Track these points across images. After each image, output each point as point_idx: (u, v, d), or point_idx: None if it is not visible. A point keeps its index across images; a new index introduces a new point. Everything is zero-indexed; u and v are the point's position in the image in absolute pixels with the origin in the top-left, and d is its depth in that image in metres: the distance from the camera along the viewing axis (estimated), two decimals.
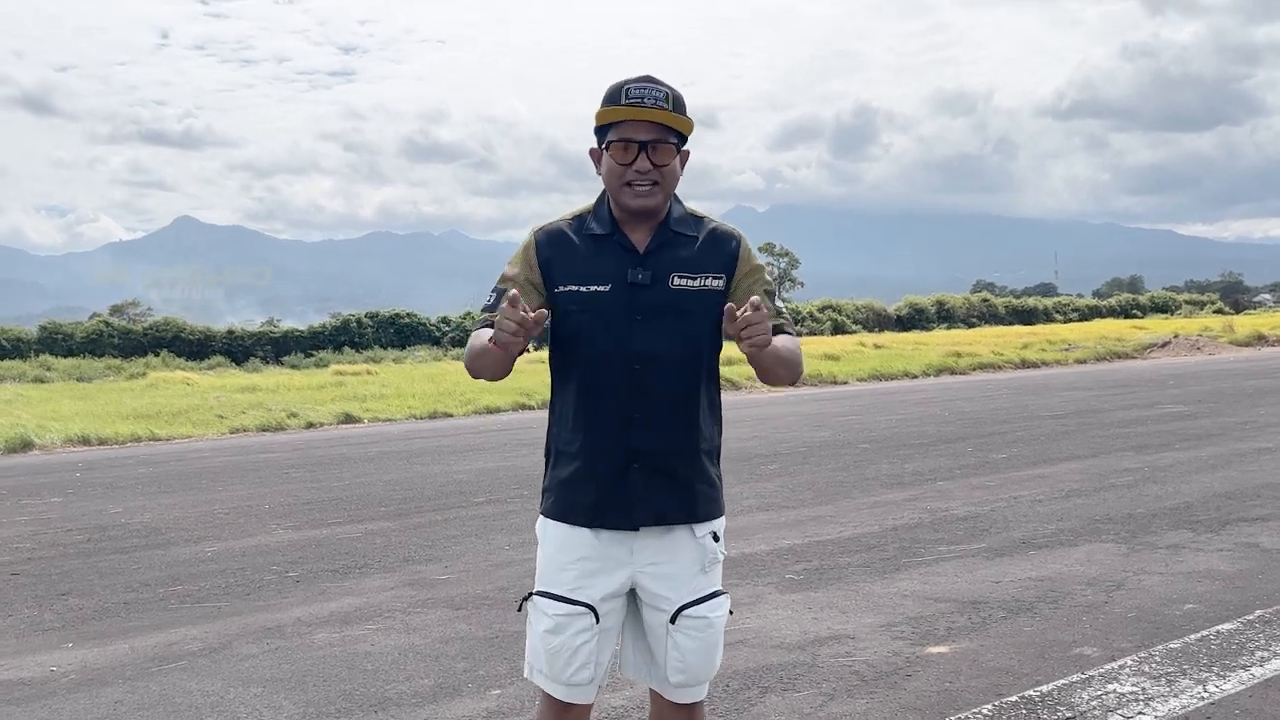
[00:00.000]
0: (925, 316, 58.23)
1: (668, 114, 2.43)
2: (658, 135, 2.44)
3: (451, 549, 6.97)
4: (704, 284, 2.51)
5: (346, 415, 18.46)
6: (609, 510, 2.49)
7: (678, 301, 2.49)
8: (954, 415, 14.98)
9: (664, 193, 2.49)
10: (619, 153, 2.45)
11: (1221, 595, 5.17)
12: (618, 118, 2.44)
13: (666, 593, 2.51)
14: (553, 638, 2.49)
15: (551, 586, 2.52)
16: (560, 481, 2.56)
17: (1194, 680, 4.01)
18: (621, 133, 2.44)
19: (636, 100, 2.42)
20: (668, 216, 2.54)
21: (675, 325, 2.49)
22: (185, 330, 41.82)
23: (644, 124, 2.43)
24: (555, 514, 2.56)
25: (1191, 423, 12.62)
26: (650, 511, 2.49)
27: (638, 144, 2.43)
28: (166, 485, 10.62)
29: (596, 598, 2.50)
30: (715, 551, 2.57)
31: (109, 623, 5.49)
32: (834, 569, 6.01)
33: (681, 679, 2.54)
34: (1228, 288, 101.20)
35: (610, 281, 2.48)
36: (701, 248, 2.54)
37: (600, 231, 2.52)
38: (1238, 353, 31.64)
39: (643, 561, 2.52)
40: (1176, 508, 7.39)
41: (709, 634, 2.53)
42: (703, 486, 2.55)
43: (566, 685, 2.51)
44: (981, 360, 28.23)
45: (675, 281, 2.49)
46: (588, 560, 2.51)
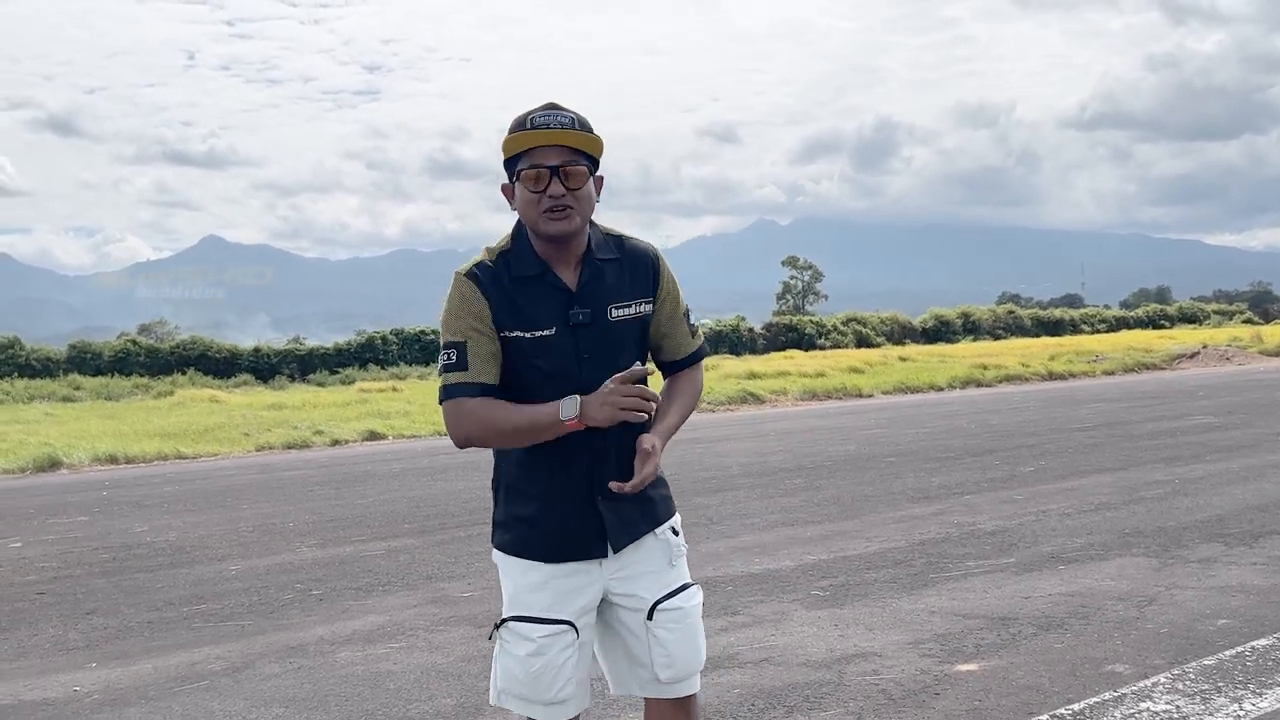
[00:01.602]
0: (951, 329, 57.95)
1: (575, 134, 2.43)
2: (568, 159, 2.43)
3: (474, 566, 6.94)
4: (637, 310, 2.57)
5: (371, 432, 18.49)
6: (579, 542, 2.53)
7: (618, 333, 2.54)
8: (981, 428, 14.86)
9: (580, 216, 2.47)
10: (531, 180, 2.44)
11: (1256, 610, 5.08)
12: (526, 145, 2.44)
13: (639, 591, 2.56)
14: (536, 660, 2.49)
15: (528, 610, 2.52)
16: (518, 518, 2.56)
17: (1229, 698, 3.93)
18: (531, 159, 2.43)
19: (543, 125, 2.42)
20: (590, 246, 2.54)
21: (619, 356, 2.54)
22: (212, 348, 42.08)
23: (553, 149, 2.43)
24: (515, 550, 2.57)
25: (1222, 434, 12.47)
26: (622, 534, 2.54)
27: (549, 169, 2.42)
28: (192, 503, 10.66)
29: (574, 612, 2.52)
30: (678, 545, 2.63)
31: (133, 642, 5.49)
32: (860, 585, 5.94)
33: (670, 674, 2.56)
34: (1257, 297, 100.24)
35: (554, 325, 2.49)
36: (627, 273, 2.56)
37: (529, 273, 2.50)
38: (1268, 363, 31.30)
39: (611, 571, 2.56)
40: (1208, 520, 7.28)
41: (687, 624, 2.57)
42: (657, 491, 2.62)
43: (548, 705, 2.52)
44: (1008, 372, 28.03)
45: (613, 314, 2.53)
46: (560, 579, 2.53)
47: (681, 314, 2.65)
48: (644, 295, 2.58)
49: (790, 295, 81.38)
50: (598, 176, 2.53)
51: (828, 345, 49.63)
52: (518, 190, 2.48)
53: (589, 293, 2.51)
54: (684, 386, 2.69)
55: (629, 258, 2.58)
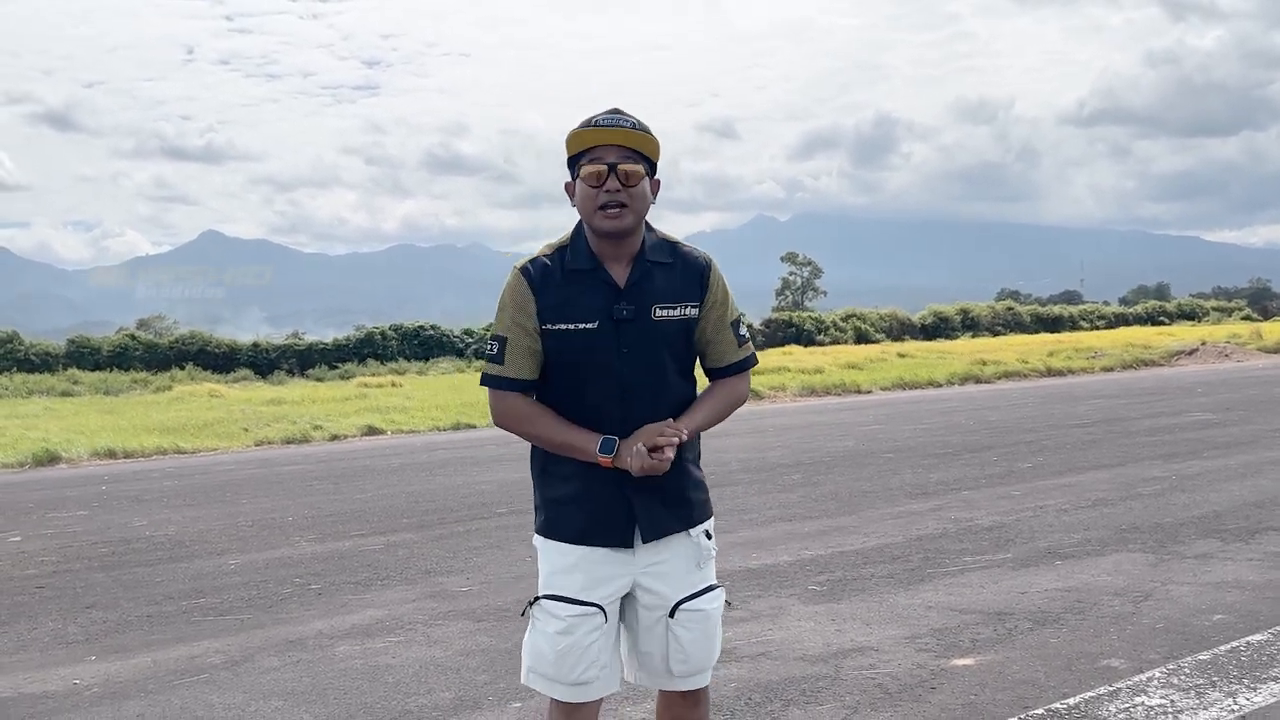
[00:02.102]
0: (950, 325, 57.95)
1: (634, 134, 2.56)
2: (625, 157, 2.56)
3: (473, 561, 6.96)
4: (682, 313, 2.66)
5: (370, 427, 18.51)
6: (607, 529, 2.63)
7: (660, 332, 2.63)
8: (979, 424, 14.88)
9: (634, 214, 2.58)
10: (590, 176, 2.56)
11: (1251, 605, 5.10)
12: (588, 143, 2.57)
13: (664, 589, 2.66)
14: (564, 638, 2.59)
15: (561, 590, 2.62)
16: (553, 500, 2.68)
17: (1224, 692, 3.95)
18: (592, 158, 2.56)
19: (605, 125, 2.57)
20: (643, 247, 2.65)
21: (659, 354, 2.63)
22: (211, 343, 42.07)
23: (612, 148, 2.56)
24: (550, 533, 2.68)
25: (1220, 431, 12.49)
26: (651, 528, 2.63)
27: (607, 165, 2.54)
28: (191, 498, 10.67)
29: (603, 597, 2.62)
30: (709, 549, 2.73)
31: (132, 635, 5.51)
32: (857, 580, 5.96)
33: (684, 669, 2.67)
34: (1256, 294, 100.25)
35: (597, 318, 2.60)
36: (677, 276, 2.66)
37: (581, 267, 2.62)
38: (1267, 360, 31.32)
39: (643, 563, 2.65)
40: (1205, 517, 7.30)
41: (706, 625, 2.68)
42: (694, 494, 2.71)
43: (571, 685, 2.61)
44: (1007, 368, 28.04)
45: (657, 313, 2.63)
46: (594, 564, 2.63)
47: (729, 323, 2.73)
48: (690, 300, 2.66)
49: (789, 291, 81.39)
50: (655, 180, 2.65)
51: (826, 341, 49.65)
52: (578, 187, 2.60)
53: (635, 290, 2.61)
54: (720, 391, 2.76)
55: (681, 263, 2.68)
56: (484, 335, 46.31)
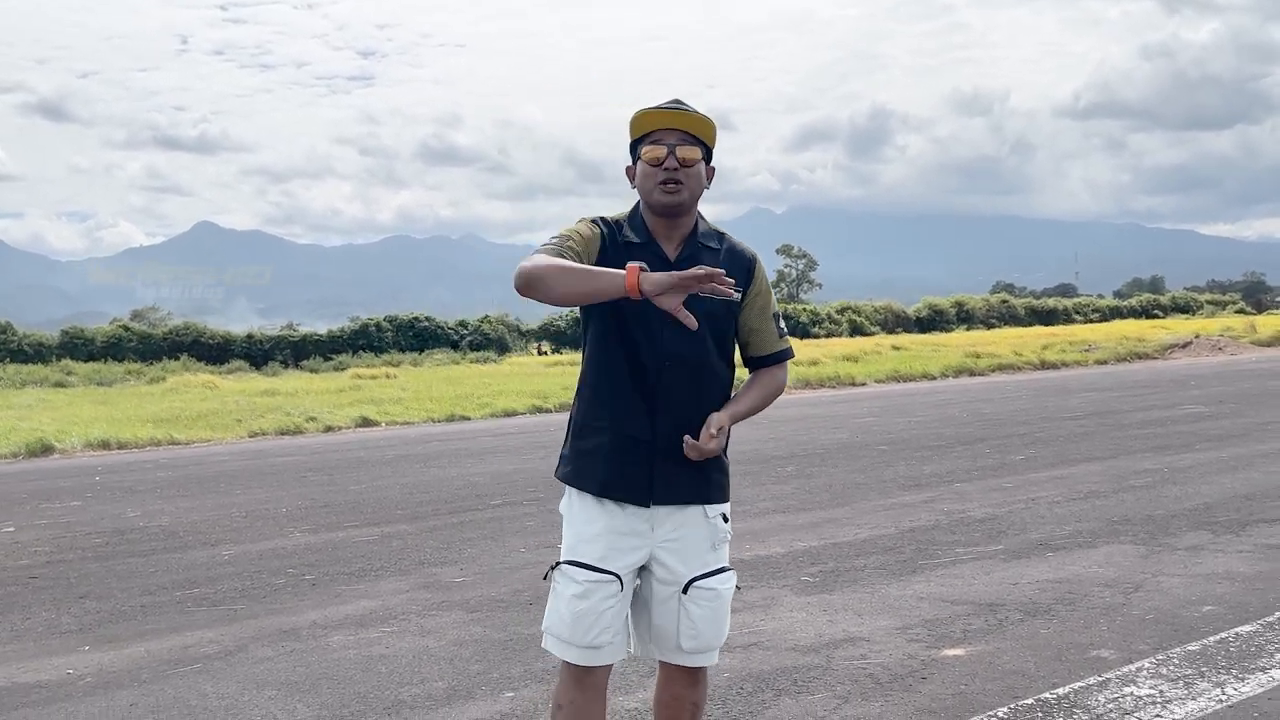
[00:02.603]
0: (944, 318, 58.01)
1: (694, 119, 2.74)
2: (683, 140, 2.73)
3: (467, 552, 6.98)
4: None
5: (364, 419, 18.50)
6: (627, 486, 2.75)
7: (703, 309, 2.69)
8: (973, 416, 14.92)
9: (690, 193, 2.75)
10: (651, 154, 2.73)
11: (1241, 597, 5.12)
12: (651, 125, 2.75)
13: (679, 566, 2.77)
14: (580, 602, 2.72)
15: (581, 556, 2.76)
16: (581, 451, 2.82)
17: (1212, 683, 3.97)
18: (653, 139, 2.74)
19: (668, 108, 2.75)
20: (695, 229, 2.82)
21: (701, 329, 2.68)
22: (205, 334, 42.02)
23: (672, 131, 2.73)
24: (572, 480, 2.83)
25: (1212, 423, 12.53)
26: (667, 492, 2.76)
27: (667, 146, 2.72)
28: (185, 489, 10.67)
29: (621, 567, 2.75)
30: (725, 532, 2.85)
31: (125, 625, 5.52)
32: (850, 571, 5.98)
33: (693, 645, 2.79)
34: (1250, 288, 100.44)
35: None
36: (724, 261, 2.80)
37: (636, 240, 2.79)
38: (1260, 353, 31.39)
39: (661, 537, 2.77)
40: (1196, 509, 7.33)
41: (717, 604, 2.80)
42: (715, 474, 2.83)
43: (585, 649, 2.73)
44: (1001, 361, 28.09)
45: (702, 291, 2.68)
46: (613, 534, 2.75)
47: (771, 315, 2.89)
48: (736, 284, 2.71)
49: (785, 284, 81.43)
50: (710, 166, 2.82)
51: (822, 334, 49.68)
52: (639, 167, 2.78)
53: (684, 265, 2.74)
54: (764, 379, 2.90)
55: (728, 252, 2.84)
56: (479, 327, 46.31)
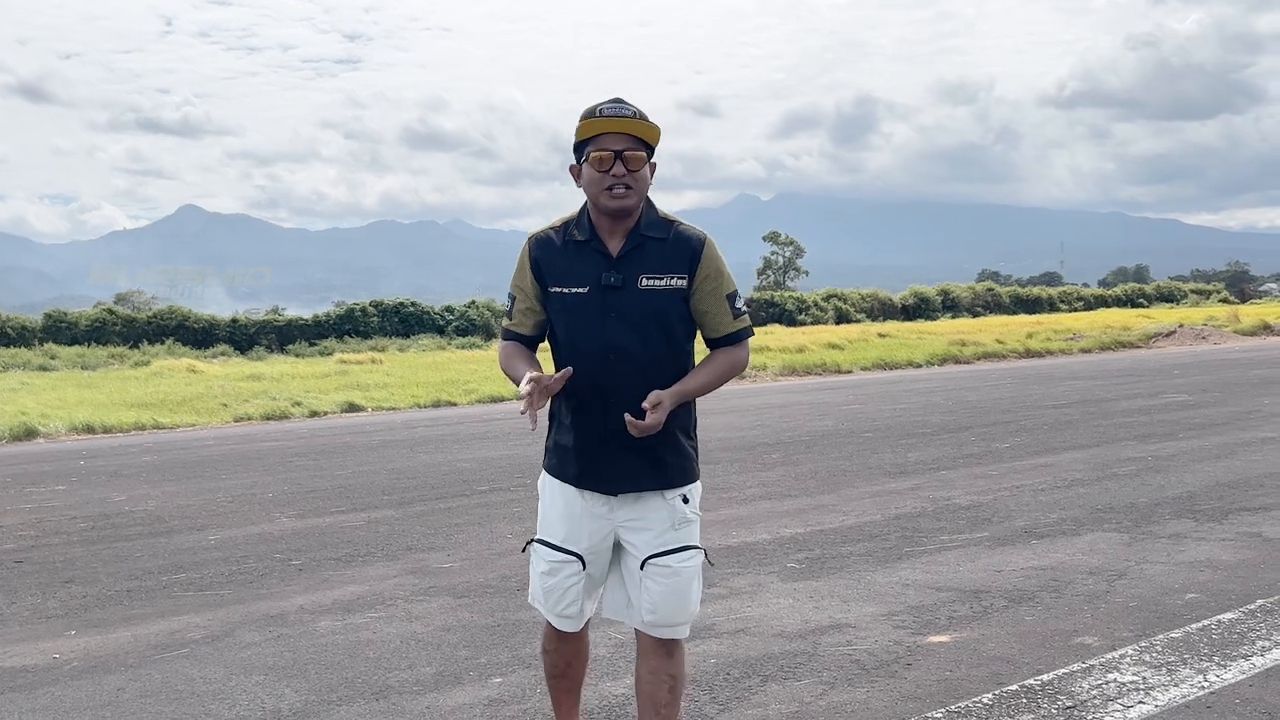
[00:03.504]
0: (930, 306, 58.15)
1: (637, 123, 2.80)
2: (629, 145, 2.81)
3: (454, 537, 6.98)
4: (669, 283, 2.88)
5: (350, 404, 18.47)
6: (592, 477, 2.95)
7: (646, 301, 2.86)
8: (958, 404, 14.97)
9: (636, 195, 2.85)
10: (597, 161, 2.81)
11: (1223, 585, 5.17)
12: (595, 130, 2.81)
13: (639, 544, 2.95)
14: (548, 579, 3.00)
15: (548, 536, 3.02)
16: (556, 445, 3.04)
17: (1194, 669, 4.01)
18: (599, 145, 2.81)
19: (610, 115, 2.80)
20: (640, 221, 2.90)
21: (645, 322, 2.86)
22: (190, 318, 41.85)
23: (618, 135, 2.80)
24: (551, 470, 3.05)
25: (1196, 412, 12.60)
26: (626, 481, 2.92)
27: (613, 152, 2.79)
28: (170, 473, 10.65)
29: (583, 548, 2.97)
30: (685, 513, 2.97)
31: (112, 610, 5.51)
32: (836, 558, 6.01)
33: (653, 618, 2.95)
34: (1233, 277, 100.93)
35: (588, 284, 2.87)
36: (669, 250, 2.89)
37: (580, 238, 2.91)
38: (1243, 342, 31.58)
39: (622, 518, 2.96)
40: (1179, 497, 7.38)
41: (674, 581, 2.93)
42: (673, 458, 2.95)
43: (558, 616, 3.04)
44: (986, 349, 28.18)
45: (643, 283, 2.87)
46: (574, 517, 2.98)
47: (724, 296, 2.95)
48: (677, 272, 2.88)
49: (771, 271, 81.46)
50: (652, 164, 2.91)
51: (808, 321, 49.76)
52: (585, 170, 2.86)
53: (625, 261, 2.87)
54: (718, 358, 2.99)
55: (674, 239, 2.91)
56: (465, 312, 46.25)
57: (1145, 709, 3.65)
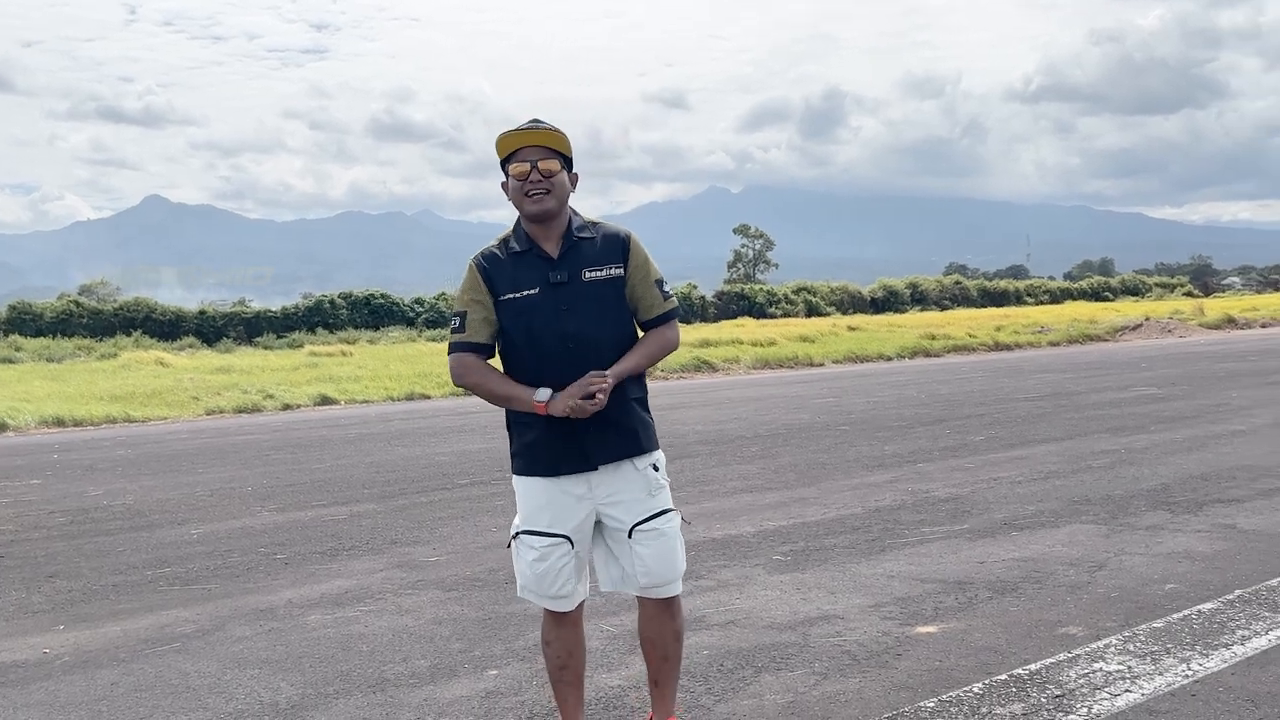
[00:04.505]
0: (899, 299, 58.49)
1: (548, 134, 3.11)
2: (543, 155, 3.11)
3: (439, 531, 7.00)
4: (608, 273, 3.20)
5: (323, 397, 18.41)
6: (570, 459, 3.16)
7: (591, 291, 3.17)
8: (931, 397, 15.10)
9: (556, 199, 3.13)
10: (516, 170, 3.12)
11: (1201, 575, 5.26)
12: (513, 145, 3.12)
13: (622, 516, 3.20)
14: (540, 564, 3.18)
15: (534, 525, 3.20)
16: (526, 445, 3.21)
17: (1178, 659, 4.09)
18: (516, 158, 3.12)
19: (525, 128, 3.12)
20: (570, 227, 3.20)
21: (592, 309, 3.16)
22: (156, 310, 41.50)
23: (533, 148, 3.11)
24: (524, 471, 3.23)
25: (1165, 405, 12.78)
26: (603, 452, 3.17)
27: (529, 163, 3.10)
28: (146, 467, 10.59)
29: (570, 528, 3.19)
30: (658, 480, 3.25)
31: (99, 605, 5.49)
32: (820, 550, 6.07)
33: (648, 580, 3.22)
34: (1197, 271, 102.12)
35: (538, 285, 3.15)
36: (600, 246, 3.21)
37: (520, 249, 3.19)
38: (1208, 335, 31.99)
39: (601, 496, 3.19)
40: (1154, 489, 7.50)
41: (661, 542, 3.21)
42: (639, 428, 3.24)
43: (554, 598, 3.22)
44: (956, 343, 28.42)
45: (587, 275, 3.17)
46: (557, 503, 3.18)
47: (652, 282, 3.27)
48: (614, 263, 3.20)
49: (741, 264, 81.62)
50: (573, 174, 3.21)
51: (778, 314, 49.91)
52: (509, 183, 3.14)
53: (566, 260, 3.16)
54: (652, 338, 3.30)
55: (603, 236, 3.23)
56: (435, 304, 46.07)
57: (1132, 697, 3.73)
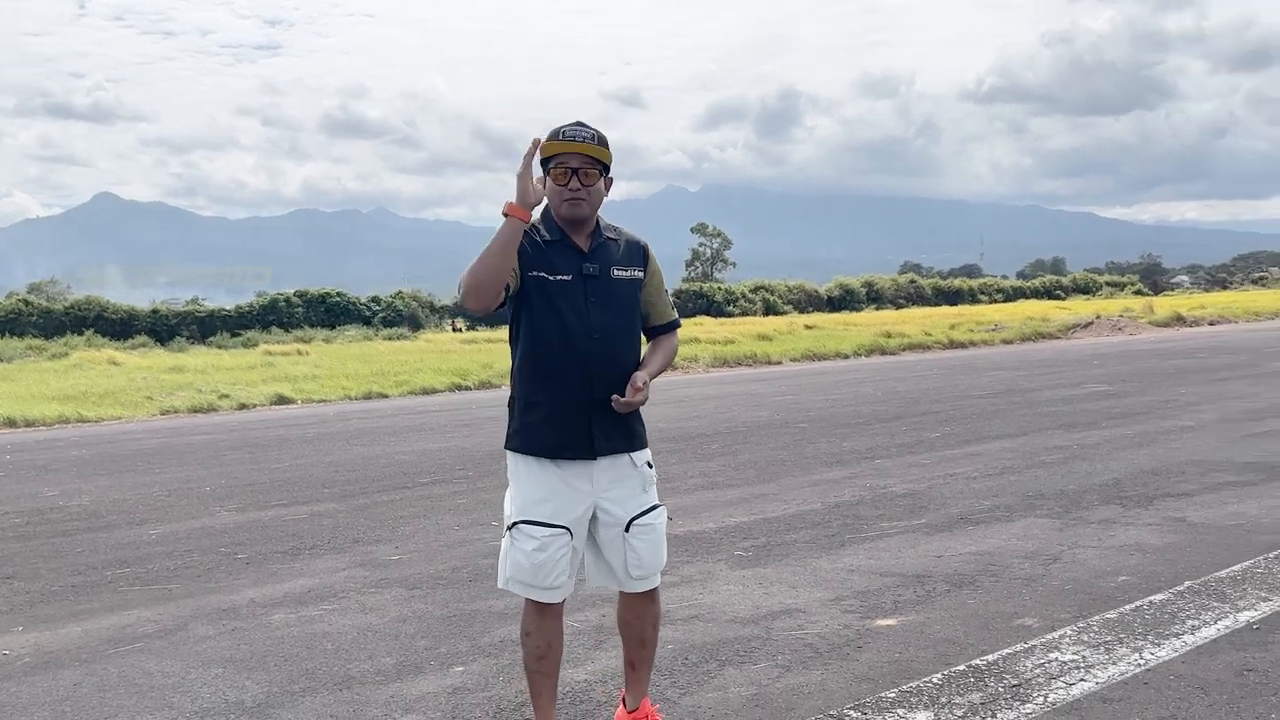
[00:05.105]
0: (855, 297, 58.92)
1: (592, 147, 3.23)
2: (585, 163, 3.23)
3: (401, 530, 7.00)
4: (632, 274, 3.39)
5: (280, 396, 18.28)
6: (573, 445, 3.26)
7: (617, 287, 3.35)
8: (887, 395, 15.26)
9: (590, 206, 3.27)
10: (557, 176, 3.24)
11: (1152, 567, 5.39)
12: (557, 150, 3.23)
13: (619, 510, 3.31)
14: (539, 554, 3.23)
15: (534, 516, 3.25)
16: (529, 424, 3.30)
17: (1131, 648, 4.19)
18: (559, 162, 3.23)
19: (570, 138, 3.22)
20: (597, 228, 3.35)
21: (616, 304, 3.34)
22: (108, 309, 40.98)
23: (575, 155, 3.22)
24: (524, 449, 3.30)
25: (1117, 401, 13.00)
26: (606, 444, 3.28)
27: (570, 169, 3.22)
28: (102, 467, 10.48)
29: (570, 520, 3.26)
30: (650, 475, 3.40)
31: (58, 606, 5.45)
32: (781, 545, 6.15)
33: (640, 572, 3.35)
34: (1147, 270, 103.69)
35: (571, 273, 3.27)
36: (624, 249, 3.40)
37: (551, 237, 3.31)
38: (1158, 333, 32.51)
39: (600, 489, 3.29)
40: (1106, 484, 7.64)
41: (654, 536, 3.36)
42: (638, 426, 3.40)
43: (546, 589, 3.27)
44: (911, 341, 28.69)
45: (615, 273, 3.35)
46: (558, 493, 3.26)
47: (664, 290, 3.51)
48: (637, 266, 3.40)
49: (699, 262, 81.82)
50: (608, 178, 3.34)
51: (736, 313, 50.10)
52: (548, 182, 3.26)
53: (597, 255, 3.33)
54: (665, 344, 3.53)
55: (626, 241, 3.41)
56: (391, 302, 45.80)
57: (1086, 686, 3.82)
